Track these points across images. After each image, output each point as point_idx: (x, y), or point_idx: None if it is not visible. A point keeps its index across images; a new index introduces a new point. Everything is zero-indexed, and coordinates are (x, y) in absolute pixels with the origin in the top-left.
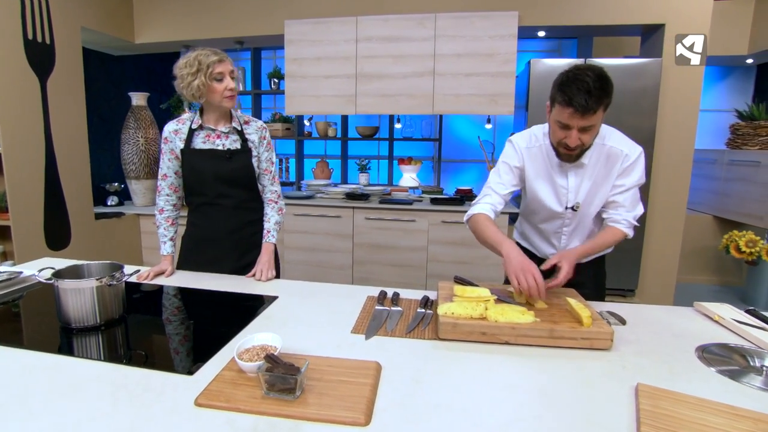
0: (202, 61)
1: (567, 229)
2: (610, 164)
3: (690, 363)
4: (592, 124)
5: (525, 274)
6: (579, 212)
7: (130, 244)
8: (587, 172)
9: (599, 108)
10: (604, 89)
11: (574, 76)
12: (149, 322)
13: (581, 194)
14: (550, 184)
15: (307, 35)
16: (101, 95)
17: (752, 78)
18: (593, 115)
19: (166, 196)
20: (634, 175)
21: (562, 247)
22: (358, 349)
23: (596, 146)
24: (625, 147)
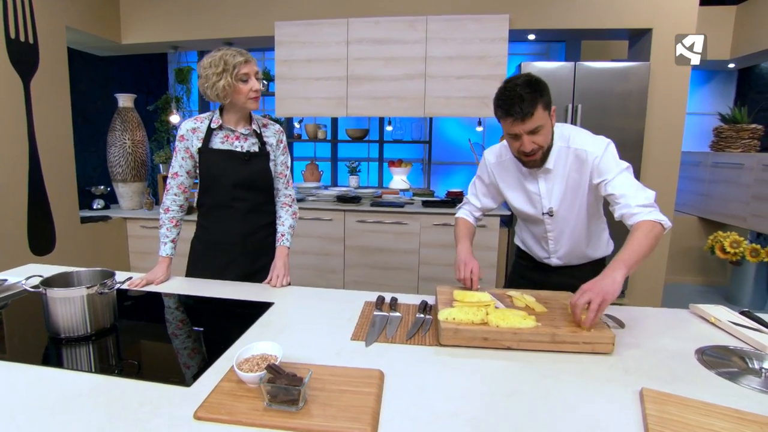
0: (228, 62)
1: (552, 234)
2: (579, 166)
3: (691, 366)
4: (537, 125)
5: (465, 265)
6: (558, 217)
7: (116, 248)
8: (556, 176)
9: (535, 109)
10: (535, 91)
11: (504, 88)
12: (142, 331)
13: (554, 199)
14: (523, 192)
15: (298, 37)
16: (87, 96)
17: (734, 82)
18: (533, 117)
19: (173, 196)
20: (610, 167)
21: (552, 251)
22: (359, 357)
23: (561, 150)
24: (589, 146)
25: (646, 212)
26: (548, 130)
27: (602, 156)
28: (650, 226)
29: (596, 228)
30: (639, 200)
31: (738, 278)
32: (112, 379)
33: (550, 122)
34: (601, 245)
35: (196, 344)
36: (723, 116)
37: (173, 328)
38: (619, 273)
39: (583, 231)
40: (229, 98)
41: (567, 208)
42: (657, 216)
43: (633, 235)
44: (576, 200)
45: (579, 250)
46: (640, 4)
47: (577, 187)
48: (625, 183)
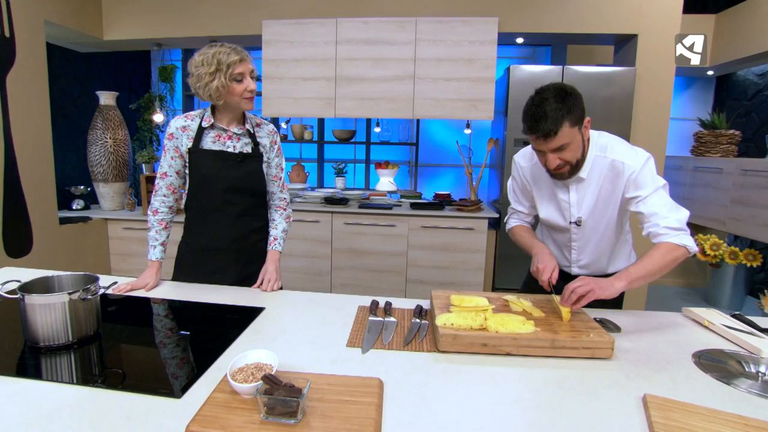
0: (221, 61)
1: (575, 244)
2: (614, 178)
3: (689, 370)
4: (562, 143)
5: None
6: (585, 228)
7: (97, 250)
8: (589, 186)
9: (560, 127)
10: (563, 108)
11: (531, 102)
12: (128, 339)
13: (584, 209)
14: (553, 198)
15: (286, 36)
16: (66, 93)
17: (712, 89)
18: (557, 136)
19: (162, 197)
20: (647, 183)
21: (575, 261)
22: (356, 365)
23: (597, 159)
24: (627, 158)
25: (673, 234)
26: (577, 146)
27: (640, 170)
28: (671, 248)
29: (621, 240)
30: (669, 222)
31: (717, 280)
32: (97, 391)
33: (580, 137)
34: (623, 257)
35: (185, 353)
36: (703, 122)
37: (161, 335)
38: (619, 283)
39: (609, 243)
40: (223, 99)
41: (596, 219)
42: (682, 240)
43: (650, 252)
44: (606, 212)
45: (601, 262)
46: (627, 11)
47: (609, 199)
48: (658, 202)
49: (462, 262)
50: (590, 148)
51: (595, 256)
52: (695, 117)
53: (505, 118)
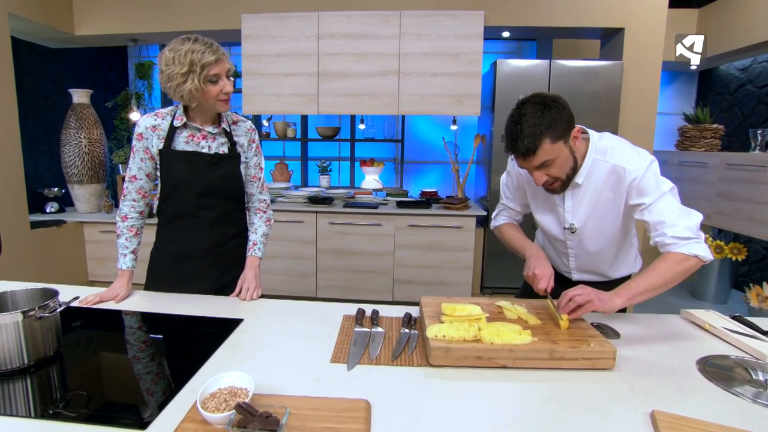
0: (195, 61)
1: (572, 252)
2: (615, 183)
3: (695, 380)
4: (545, 160)
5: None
6: (580, 236)
7: (72, 255)
8: (587, 192)
9: (539, 145)
10: (541, 124)
11: (510, 118)
12: (93, 357)
13: (579, 216)
14: (549, 202)
15: (266, 30)
16: (37, 91)
17: (695, 83)
18: (536, 155)
19: (132, 202)
20: (650, 188)
21: (573, 267)
22: (341, 383)
23: (596, 163)
24: (629, 163)
25: (682, 244)
26: (564, 161)
27: (642, 175)
28: (679, 258)
29: (625, 245)
30: (677, 230)
31: (702, 274)
32: (53, 425)
33: (566, 151)
34: (627, 263)
35: (156, 373)
36: (687, 116)
37: (132, 351)
38: (618, 300)
39: (609, 251)
40: (197, 101)
41: (593, 228)
42: (692, 249)
43: (655, 264)
44: (605, 221)
45: (602, 268)
46: (613, 4)
47: (609, 207)
48: (665, 209)
49: (450, 261)
50: (588, 152)
51: (593, 264)
52: (679, 111)
53: (492, 113)
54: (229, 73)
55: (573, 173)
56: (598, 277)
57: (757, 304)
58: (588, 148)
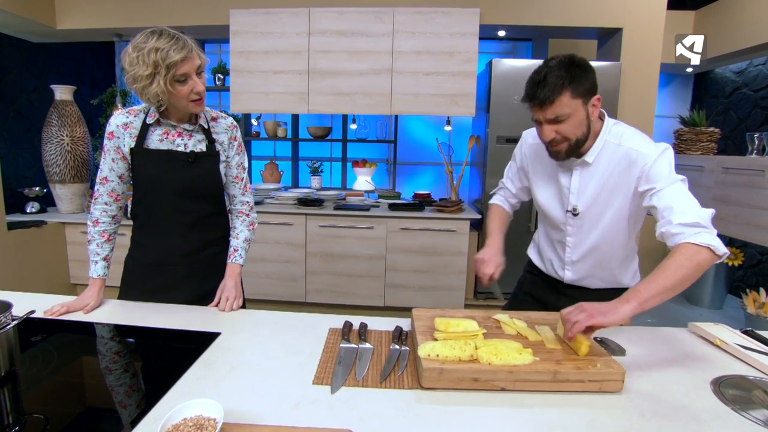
0: (159, 62)
1: (571, 239)
2: (626, 168)
3: (710, 403)
4: (559, 114)
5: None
6: (582, 221)
7: (53, 257)
8: (595, 173)
9: (558, 96)
10: (566, 75)
11: (536, 69)
12: (49, 379)
13: (585, 197)
14: (553, 183)
15: (255, 26)
16: (18, 87)
17: (690, 86)
18: (553, 105)
19: (103, 205)
20: (662, 174)
21: (568, 260)
22: (323, 410)
23: (609, 145)
24: (642, 147)
25: (691, 233)
26: (579, 121)
27: (656, 160)
28: (690, 252)
29: (628, 250)
30: (685, 217)
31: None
32: None
33: (583, 113)
34: (625, 271)
35: (119, 395)
36: (683, 119)
37: (91, 374)
38: (627, 306)
39: (609, 245)
40: (165, 104)
41: (597, 212)
42: (704, 239)
43: (664, 262)
44: (610, 206)
45: (598, 267)
46: (611, 4)
47: (616, 191)
48: (675, 196)
49: (443, 266)
50: (602, 132)
51: (592, 258)
52: (675, 114)
53: (487, 114)
54: (199, 69)
55: (583, 141)
56: (592, 280)
57: (754, 310)
58: (602, 128)
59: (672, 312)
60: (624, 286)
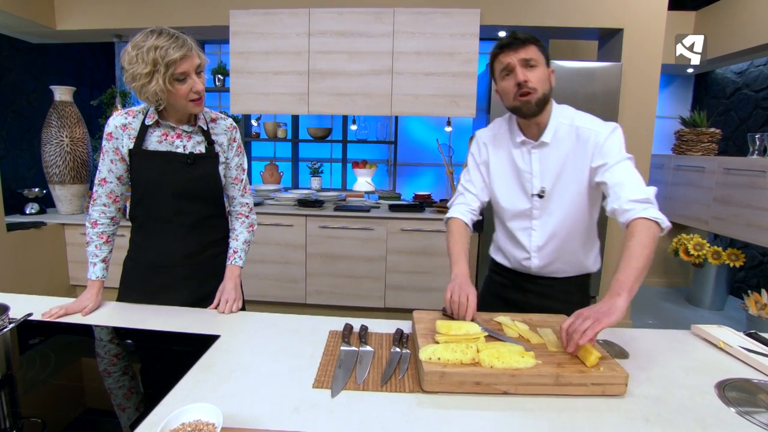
0: (158, 60)
1: (537, 222)
2: (580, 145)
3: (715, 408)
4: (531, 57)
5: (461, 291)
6: (549, 200)
7: (53, 258)
8: (553, 152)
9: (530, 44)
10: (531, 37)
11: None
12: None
13: (548, 179)
14: (514, 170)
15: (255, 27)
16: (18, 88)
17: (691, 87)
18: (527, 48)
19: (102, 207)
20: (613, 151)
21: (535, 247)
22: (323, 414)
23: (561, 126)
24: (593, 125)
25: (641, 209)
26: (543, 75)
27: (606, 138)
28: (645, 230)
29: (586, 230)
30: (634, 194)
31: (700, 280)
32: None
33: (546, 71)
34: (590, 256)
35: (118, 399)
36: (684, 120)
37: (88, 378)
38: (620, 300)
39: (571, 225)
40: (165, 103)
41: (560, 191)
42: (652, 213)
43: (629, 247)
44: (571, 184)
45: (564, 250)
46: (612, 4)
47: (574, 169)
48: (624, 172)
49: (443, 267)
50: (554, 114)
51: (556, 240)
52: (675, 115)
53: (488, 115)
54: (199, 69)
55: (544, 100)
56: (563, 265)
57: (755, 311)
58: (553, 111)
59: (673, 313)
60: (588, 271)
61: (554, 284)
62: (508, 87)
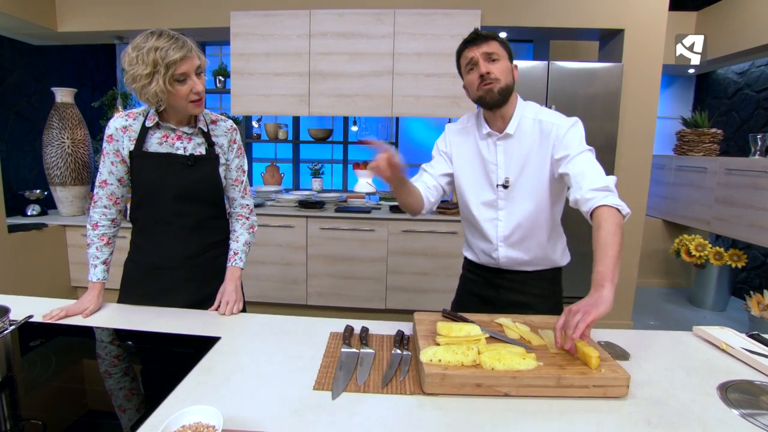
0: (158, 61)
1: (502, 213)
2: (543, 138)
3: (717, 409)
4: (493, 51)
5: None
6: (514, 190)
7: (54, 260)
8: (516, 144)
9: (492, 39)
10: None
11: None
12: (48, 384)
13: (512, 169)
14: (479, 161)
15: (256, 28)
16: (20, 90)
17: (692, 87)
18: (488, 43)
19: (103, 209)
20: (573, 143)
21: (501, 237)
22: (324, 416)
23: (525, 119)
24: (555, 119)
25: (601, 197)
26: (506, 68)
27: (567, 130)
28: (610, 218)
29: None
30: (594, 183)
31: (701, 280)
32: None
33: (508, 65)
34: (556, 250)
35: (119, 400)
36: (685, 120)
37: (88, 379)
38: (606, 290)
39: (535, 215)
40: (164, 104)
41: (524, 182)
42: (612, 200)
43: (600, 238)
44: (534, 175)
45: (530, 241)
46: (613, 5)
47: (537, 160)
48: (584, 163)
49: (444, 268)
50: (518, 108)
51: (521, 230)
52: (676, 115)
53: None
54: (199, 70)
55: (507, 91)
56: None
57: (758, 312)
58: (518, 105)
59: (675, 314)
60: (556, 264)
61: (524, 278)
62: (472, 79)
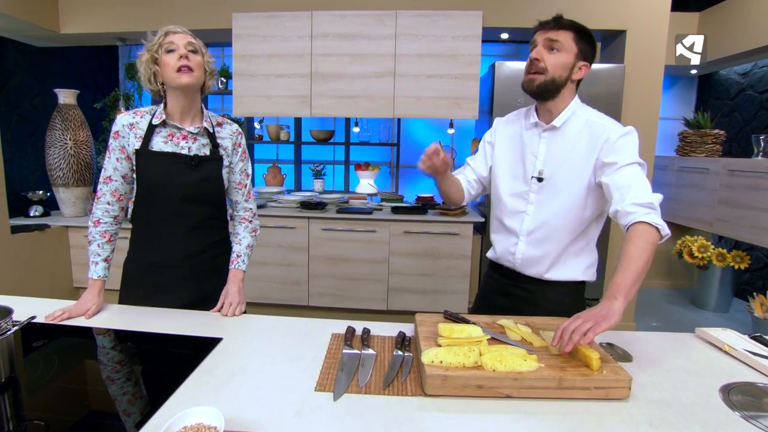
0: (154, 40)
1: (531, 207)
2: (591, 138)
3: (720, 411)
4: (557, 40)
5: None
6: (545, 187)
7: (56, 260)
8: (561, 140)
9: (565, 29)
10: (576, 24)
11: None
12: (50, 385)
13: (551, 164)
14: (519, 149)
15: (258, 30)
16: (23, 91)
17: (694, 88)
18: (557, 32)
19: (106, 205)
20: (625, 152)
21: (525, 232)
22: (325, 418)
23: (577, 117)
24: (609, 123)
25: (643, 213)
26: (564, 63)
27: (621, 136)
28: (645, 235)
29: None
30: (639, 198)
31: (704, 282)
32: None
33: (571, 61)
34: (581, 262)
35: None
36: (688, 121)
37: (91, 380)
38: (617, 303)
39: (563, 217)
40: (161, 78)
41: (560, 179)
42: (654, 218)
43: (627, 251)
44: (574, 175)
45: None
46: (615, 6)
47: (580, 160)
48: (634, 176)
49: (446, 269)
50: (573, 104)
51: (548, 228)
52: (679, 116)
53: (490, 117)
54: (192, 47)
55: (555, 87)
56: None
57: (761, 313)
58: (574, 101)
59: (678, 315)
60: (576, 278)
61: (542, 288)
62: (527, 62)
